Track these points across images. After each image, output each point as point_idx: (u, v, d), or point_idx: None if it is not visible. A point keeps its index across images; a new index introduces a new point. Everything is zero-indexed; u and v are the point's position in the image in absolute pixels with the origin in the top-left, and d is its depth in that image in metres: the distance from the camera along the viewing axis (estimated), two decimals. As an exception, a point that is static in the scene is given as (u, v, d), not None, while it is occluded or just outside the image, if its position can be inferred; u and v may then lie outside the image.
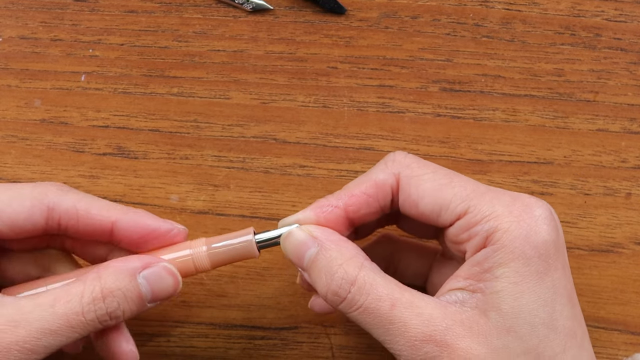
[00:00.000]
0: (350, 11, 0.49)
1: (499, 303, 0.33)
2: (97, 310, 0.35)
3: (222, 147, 0.47)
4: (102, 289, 0.35)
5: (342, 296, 0.34)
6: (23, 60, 0.48)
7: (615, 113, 0.47)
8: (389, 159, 0.38)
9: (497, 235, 0.34)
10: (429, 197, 0.36)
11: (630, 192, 0.47)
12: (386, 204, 0.37)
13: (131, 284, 0.36)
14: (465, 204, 0.35)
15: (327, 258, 0.35)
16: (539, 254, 0.34)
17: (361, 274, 0.35)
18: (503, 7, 0.49)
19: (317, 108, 0.48)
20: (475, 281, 0.34)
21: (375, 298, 0.34)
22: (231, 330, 0.45)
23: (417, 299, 0.34)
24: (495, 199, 0.35)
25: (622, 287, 0.45)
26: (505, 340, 0.33)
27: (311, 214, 0.37)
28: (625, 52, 0.48)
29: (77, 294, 0.34)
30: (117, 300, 0.35)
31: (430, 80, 0.48)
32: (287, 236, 0.37)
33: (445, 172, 0.37)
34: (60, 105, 0.47)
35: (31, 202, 0.36)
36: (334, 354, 0.45)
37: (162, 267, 0.37)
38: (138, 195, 0.46)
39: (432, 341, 0.33)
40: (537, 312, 0.33)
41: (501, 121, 0.47)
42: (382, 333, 0.34)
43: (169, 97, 0.48)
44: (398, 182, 0.37)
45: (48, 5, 0.49)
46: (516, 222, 0.34)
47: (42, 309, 0.34)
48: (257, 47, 0.48)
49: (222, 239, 0.38)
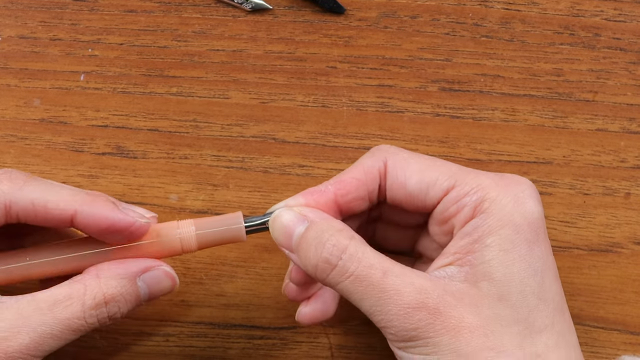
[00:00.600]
0: (349, 11, 0.49)
1: (490, 271, 0.34)
2: (98, 315, 0.35)
3: (222, 147, 0.47)
4: (104, 294, 0.35)
5: (333, 263, 0.34)
6: (22, 59, 0.48)
7: (615, 113, 0.47)
8: (375, 148, 0.38)
9: (485, 204, 0.34)
10: (416, 176, 0.36)
11: (629, 192, 0.47)
12: (374, 189, 0.38)
13: (132, 289, 0.36)
14: (452, 179, 0.36)
15: (317, 230, 0.35)
16: (527, 222, 0.34)
17: (352, 243, 0.35)
18: (502, 6, 0.49)
19: (316, 108, 0.48)
20: (464, 254, 0.34)
21: (367, 265, 0.34)
22: (230, 330, 0.45)
23: (407, 270, 0.34)
24: (482, 174, 0.36)
25: (621, 286, 0.46)
26: (496, 309, 0.33)
27: (300, 198, 0.37)
28: (624, 52, 0.48)
29: (78, 298, 0.35)
30: (119, 304, 0.36)
31: (430, 80, 0.48)
32: (275, 218, 0.37)
33: (429, 157, 0.38)
34: (60, 105, 0.47)
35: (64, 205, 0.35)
36: (333, 353, 0.45)
37: (162, 271, 0.37)
38: (137, 194, 0.46)
39: (424, 308, 0.33)
40: (528, 280, 0.34)
41: (500, 121, 0.47)
42: (373, 303, 0.34)
43: (168, 97, 0.48)
44: (386, 167, 0.37)
45: (47, 4, 0.49)
46: (503, 192, 0.35)
47: (42, 313, 0.34)
48: (257, 47, 0.48)
49: (210, 222, 0.38)
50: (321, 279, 0.35)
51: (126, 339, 0.45)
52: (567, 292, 0.36)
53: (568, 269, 0.45)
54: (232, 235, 0.38)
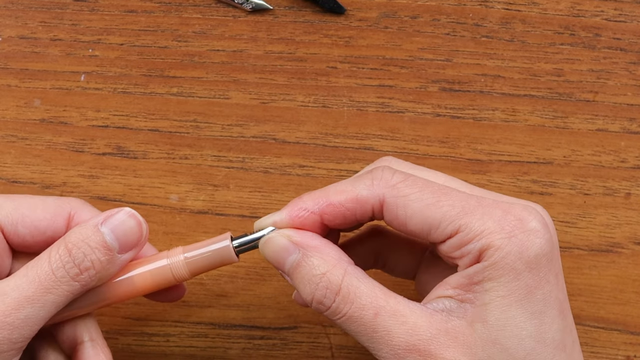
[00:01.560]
0: (349, 11, 0.49)
1: (486, 315, 0.33)
2: (65, 265, 0.34)
3: (222, 147, 0.47)
4: (66, 244, 0.35)
5: (327, 305, 0.34)
6: (23, 60, 0.48)
7: (615, 113, 0.47)
8: (376, 175, 0.36)
9: (489, 252, 0.34)
10: (417, 217, 0.35)
11: (629, 192, 0.47)
12: (364, 220, 0.37)
13: (94, 234, 0.35)
14: (456, 223, 0.34)
15: (309, 266, 0.35)
16: (529, 268, 0.34)
17: (345, 283, 0.34)
18: (502, 7, 0.49)
19: (316, 108, 0.48)
20: (464, 291, 0.34)
21: (359, 307, 0.34)
22: (231, 330, 0.45)
23: (401, 307, 0.34)
24: (487, 215, 0.34)
25: (622, 287, 0.46)
26: (490, 352, 0.33)
27: (286, 217, 0.36)
28: (624, 52, 0.48)
29: (45, 256, 0.35)
30: (83, 251, 0.35)
31: (430, 80, 0.48)
32: (266, 242, 0.36)
33: (432, 189, 0.35)
34: (60, 105, 0.47)
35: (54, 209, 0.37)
36: (334, 353, 0.45)
37: (123, 212, 0.36)
38: (137, 195, 0.46)
39: (415, 351, 0.33)
40: (524, 325, 0.33)
41: (501, 121, 0.47)
42: (367, 340, 0.34)
43: (168, 97, 0.48)
44: (382, 204, 0.36)
45: (48, 5, 0.49)
46: (508, 238, 0.34)
47: (16, 278, 0.34)
48: (257, 47, 0.48)
49: (199, 247, 0.37)
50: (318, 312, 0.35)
51: (127, 339, 0.45)
52: (568, 292, 0.36)
53: (568, 269, 0.45)
54: (222, 258, 0.37)
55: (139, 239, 0.36)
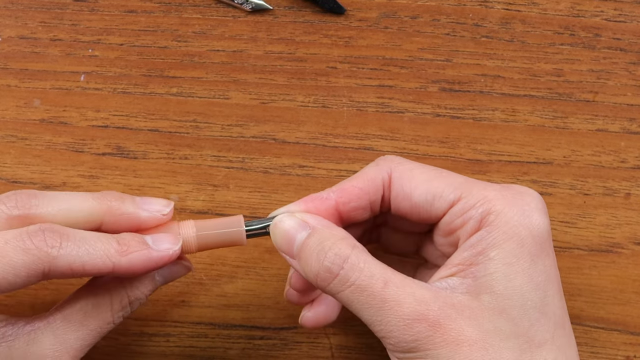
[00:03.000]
0: (349, 11, 0.49)
1: (492, 284, 0.33)
2: (124, 314, 0.37)
3: (222, 147, 0.47)
4: (129, 297, 0.37)
5: (335, 272, 0.34)
6: (22, 60, 0.48)
7: (615, 113, 0.47)
8: (380, 158, 0.38)
9: (490, 217, 0.34)
10: (422, 187, 0.36)
11: (629, 192, 0.47)
12: (377, 199, 0.37)
13: (151, 285, 0.38)
14: (458, 191, 0.36)
15: (319, 238, 0.35)
16: (532, 236, 0.34)
17: (354, 252, 0.34)
18: (502, 7, 0.49)
19: (316, 108, 0.48)
20: (467, 266, 0.34)
21: (368, 275, 0.34)
22: (230, 330, 0.45)
23: (409, 281, 0.34)
24: (488, 186, 0.36)
25: (622, 287, 0.46)
26: (496, 323, 0.33)
27: (302, 205, 0.37)
28: (624, 52, 0.48)
29: (106, 306, 0.36)
30: (140, 301, 0.38)
31: (430, 80, 0.48)
32: (276, 223, 0.37)
33: (435, 167, 0.37)
34: (60, 105, 0.47)
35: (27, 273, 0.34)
36: (334, 354, 0.45)
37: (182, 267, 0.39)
38: (137, 195, 0.46)
39: (424, 320, 0.33)
40: (529, 294, 0.33)
41: (500, 121, 0.47)
42: (373, 313, 0.33)
43: (168, 97, 0.48)
44: (390, 178, 0.37)
45: (47, 5, 0.49)
46: (509, 205, 0.34)
47: (76, 329, 0.36)
48: (257, 47, 0.48)
49: (211, 224, 0.38)
50: (322, 287, 0.35)
51: (126, 339, 0.45)
52: (568, 292, 0.36)
53: (568, 269, 0.45)
54: (232, 239, 0.38)
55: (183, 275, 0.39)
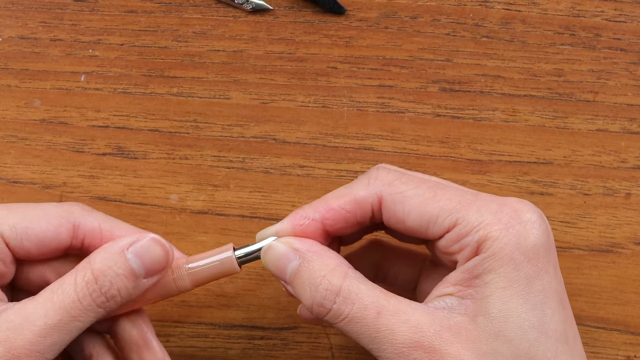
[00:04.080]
0: (349, 11, 0.49)
1: (487, 308, 0.33)
2: (91, 293, 0.34)
3: (222, 147, 0.47)
4: (92, 270, 0.35)
5: (328, 307, 0.34)
6: (23, 60, 0.48)
7: (615, 113, 0.47)
8: (372, 175, 0.37)
9: (487, 244, 0.34)
10: (415, 213, 0.35)
11: (629, 192, 0.47)
12: (364, 221, 0.37)
13: (120, 261, 0.35)
14: (453, 216, 0.35)
15: (309, 270, 0.35)
16: (528, 259, 0.34)
17: (345, 284, 0.34)
18: (503, 7, 0.49)
19: (316, 108, 0.48)
20: (465, 287, 0.34)
21: (361, 307, 0.34)
22: (231, 330, 0.45)
23: (403, 306, 0.34)
24: (483, 208, 0.35)
25: (622, 287, 0.46)
26: (494, 345, 0.33)
27: (288, 226, 0.37)
28: (624, 52, 0.48)
29: (70, 282, 0.35)
30: (109, 279, 0.35)
31: (430, 81, 0.48)
32: (267, 250, 0.37)
33: (428, 185, 0.36)
34: (60, 105, 0.47)
35: (58, 220, 0.36)
36: (334, 354, 0.45)
37: (149, 239, 0.36)
38: (138, 195, 0.46)
39: (420, 347, 0.33)
40: (526, 315, 0.33)
41: (501, 121, 0.47)
42: (369, 342, 0.34)
43: (168, 97, 0.48)
44: (380, 201, 0.36)
45: (48, 5, 0.49)
46: (505, 229, 0.34)
47: (42, 305, 0.34)
48: (257, 47, 0.48)
49: (201, 258, 0.38)
50: (319, 317, 0.35)
51: (127, 339, 0.45)
52: (568, 292, 0.36)
53: (568, 269, 0.45)
54: (225, 269, 0.37)
55: (165, 265, 0.36)
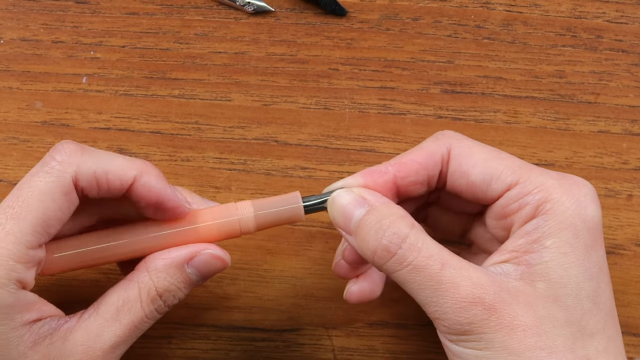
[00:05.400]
0: (351, 13, 0.49)
1: (547, 272, 0.33)
2: (157, 308, 0.36)
3: (224, 149, 0.47)
4: (156, 289, 0.36)
5: (393, 251, 0.34)
6: (24, 62, 0.48)
7: (617, 115, 0.48)
8: (439, 133, 0.38)
9: (547, 205, 0.34)
10: (480, 166, 0.36)
11: (631, 194, 0.47)
12: (434, 174, 0.37)
13: (182, 277, 0.37)
14: (517, 174, 0.35)
15: (377, 216, 0.35)
16: (587, 227, 0.34)
17: (412, 232, 0.34)
18: (504, 8, 0.49)
19: (318, 110, 0.48)
20: (521, 253, 0.34)
21: (426, 256, 0.34)
22: (233, 332, 0.45)
23: (465, 264, 0.34)
24: (545, 173, 0.36)
25: (624, 288, 0.46)
26: (550, 310, 0.33)
27: (359, 178, 0.37)
28: (626, 54, 0.48)
29: (135, 299, 0.36)
30: (172, 294, 0.37)
31: (432, 82, 0.48)
32: (334, 198, 0.37)
33: (493, 147, 0.37)
34: (62, 107, 0.47)
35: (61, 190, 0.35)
36: (336, 355, 0.45)
37: (208, 255, 0.37)
38: (139, 197, 0.46)
39: (480, 304, 0.33)
40: (583, 284, 0.33)
41: (502, 123, 0.47)
42: (429, 294, 0.33)
43: (170, 99, 0.48)
44: (449, 153, 0.37)
45: (49, 7, 0.49)
46: (566, 194, 0.34)
47: (108, 325, 0.35)
48: (259, 49, 0.48)
49: (268, 202, 0.38)
50: (378, 265, 0.35)
51: (129, 341, 0.45)
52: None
53: (570, 270, 0.45)
54: (290, 216, 0.38)
55: (222, 269, 0.38)
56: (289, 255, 0.46)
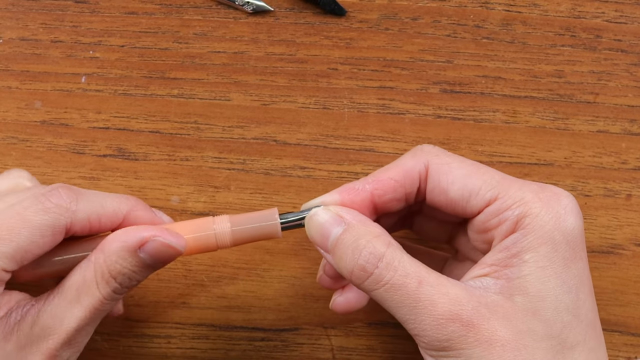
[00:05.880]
0: (350, 12, 0.49)
1: (526, 286, 0.33)
2: (114, 290, 0.36)
3: (223, 149, 0.47)
4: (109, 271, 0.36)
5: (369, 271, 0.34)
6: (23, 61, 0.48)
7: (616, 114, 0.47)
8: (417, 149, 0.38)
9: (526, 220, 0.34)
10: (459, 183, 0.36)
11: (630, 194, 0.47)
12: (412, 192, 0.37)
13: (135, 261, 0.36)
14: (496, 190, 0.35)
15: (354, 235, 0.35)
16: (566, 241, 0.34)
17: (389, 251, 0.34)
18: (503, 8, 0.49)
19: (317, 109, 0.48)
20: (501, 267, 0.34)
21: (403, 275, 0.34)
22: (232, 332, 0.45)
23: (443, 280, 0.34)
24: (525, 186, 0.36)
25: (623, 288, 0.46)
26: (530, 324, 0.33)
27: (336, 195, 0.37)
28: (625, 54, 0.48)
29: (92, 281, 0.36)
30: (127, 276, 0.36)
31: (431, 82, 0.48)
32: (311, 216, 0.37)
33: (472, 162, 0.37)
34: (61, 107, 0.47)
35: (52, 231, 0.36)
36: (335, 355, 0.45)
37: (159, 242, 0.37)
38: (138, 196, 0.46)
39: (458, 320, 0.33)
40: (562, 297, 0.34)
41: (502, 122, 0.47)
42: (407, 312, 0.33)
43: (169, 99, 0.48)
44: (427, 170, 0.37)
45: (48, 6, 0.49)
46: (545, 208, 0.34)
47: (71, 306, 0.36)
48: (258, 49, 0.48)
49: (246, 218, 0.38)
50: (356, 284, 0.35)
51: (128, 341, 0.45)
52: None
53: (569, 270, 0.45)
54: (267, 232, 0.38)
55: (176, 256, 0.37)
56: (288, 255, 0.46)
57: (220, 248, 0.38)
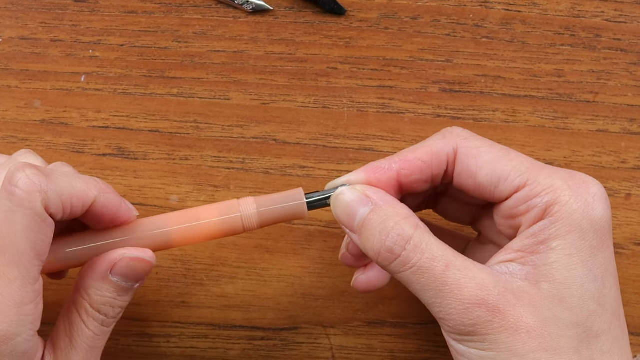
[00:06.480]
0: (350, 12, 0.49)
1: (552, 274, 0.33)
2: (102, 322, 0.36)
3: (222, 148, 0.47)
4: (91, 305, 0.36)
5: (397, 253, 0.34)
6: (23, 61, 0.48)
7: (615, 114, 0.47)
8: (447, 130, 0.38)
9: (555, 207, 0.34)
10: (488, 168, 0.36)
11: (630, 193, 0.47)
12: (439, 174, 0.37)
13: (111, 286, 0.36)
14: (525, 176, 0.35)
15: (381, 216, 0.35)
16: (594, 229, 0.34)
17: (417, 233, 0.34)
18: (503, 7, 0.49)
19: (317, 109, 0.48)
20: (528, 254, 0.34)
21: (430, 257, 0.33)
22: (231, 331, 0.45)
23: (470, 264, 0.34)
24: (554, 173, 0.35)
25: (622, 287, 0.45)
26: (555, 311, 0.33)
27: (362, 174, 0.37)
28: (625, 53, 0.48)
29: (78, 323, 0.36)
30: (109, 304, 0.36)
31: (430, 81, 0.48)
32: (337, 195, 0.36)
33: (501, 146, 0.37)
34: (60, 106, 0.47)
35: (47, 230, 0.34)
36: (334, 354, 0.45)
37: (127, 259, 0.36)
38: (138, 195, 0.46)
39: (484, 305, 0.33)
40: (588, 285, 0.33)
41: (501, 122, 0.47)
42: (433, 295, 0.33)
43: (168, 98, 0.48)
44: (455, 153, 0.37)
45: (48, 6, 0.49)
46: (574, 196, 0.34)
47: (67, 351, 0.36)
48: (257, 48, 0.48)
49: (271, 199, 0.37)
50: (382, 266, 0.35)
51: (127, 340, 0.45)
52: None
53: (569, 270, 0.45)
54: (293, 212, 0.37)
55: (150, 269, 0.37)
56: (288, 254, 0.46)
57: (247, 231, 0.37)
